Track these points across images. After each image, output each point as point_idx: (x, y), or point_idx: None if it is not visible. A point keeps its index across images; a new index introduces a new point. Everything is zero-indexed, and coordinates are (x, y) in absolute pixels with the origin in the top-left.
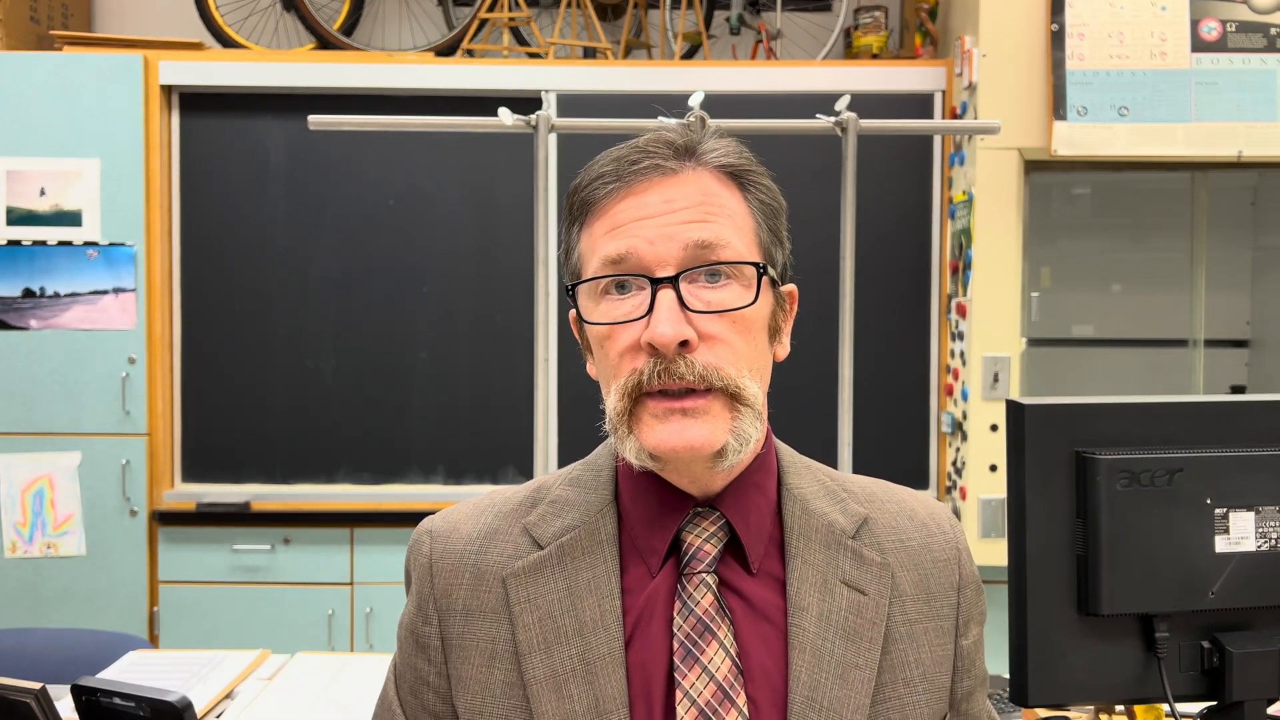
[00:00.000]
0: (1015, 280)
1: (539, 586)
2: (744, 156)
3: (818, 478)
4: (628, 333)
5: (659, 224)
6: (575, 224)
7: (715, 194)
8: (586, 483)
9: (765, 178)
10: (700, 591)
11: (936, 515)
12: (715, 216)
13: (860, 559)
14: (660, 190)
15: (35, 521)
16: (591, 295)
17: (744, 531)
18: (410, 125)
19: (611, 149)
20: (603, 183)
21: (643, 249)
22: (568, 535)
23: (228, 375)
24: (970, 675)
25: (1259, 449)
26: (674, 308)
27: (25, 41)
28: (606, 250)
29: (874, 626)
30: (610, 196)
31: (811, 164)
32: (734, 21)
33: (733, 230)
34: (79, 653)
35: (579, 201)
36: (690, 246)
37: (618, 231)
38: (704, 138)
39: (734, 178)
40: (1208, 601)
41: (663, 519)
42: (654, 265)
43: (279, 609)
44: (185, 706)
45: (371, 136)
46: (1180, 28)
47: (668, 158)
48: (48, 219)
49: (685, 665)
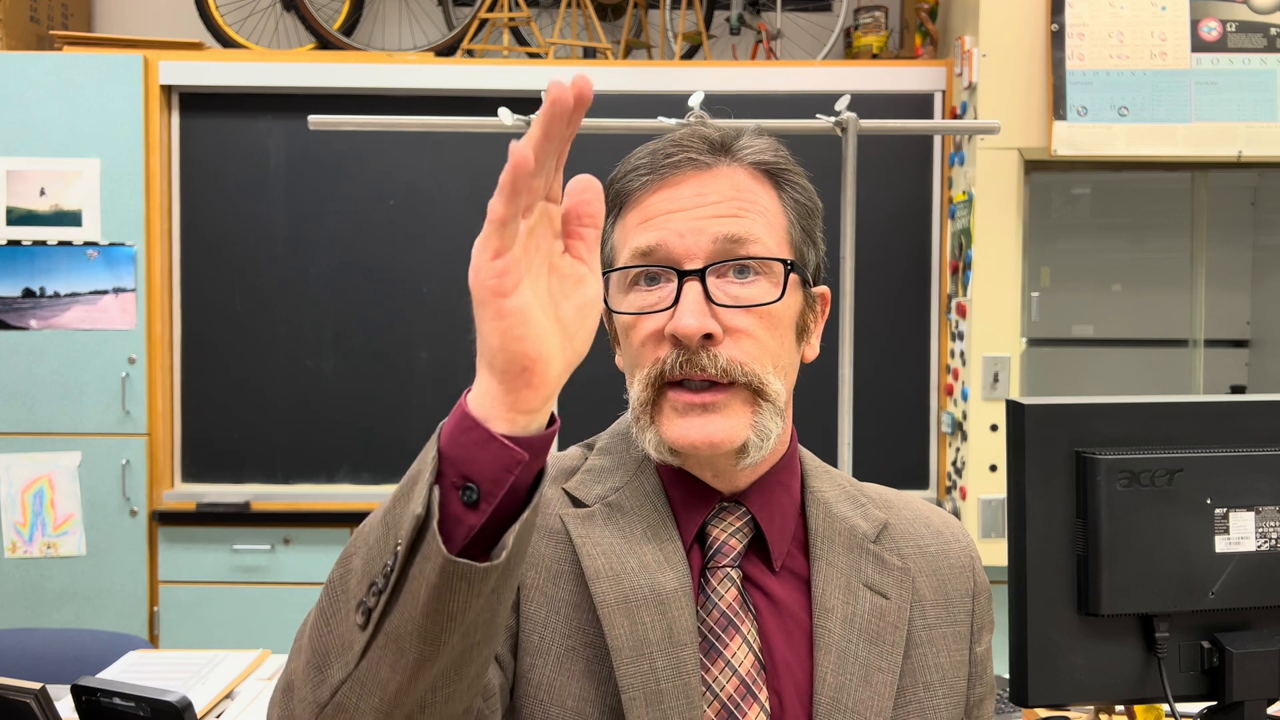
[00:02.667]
0: (1015, 280)
1: (595, 530)
2: (780, 155)
3: (838, 483)
4: (652, 322)
5: (690, 217)
6: (610, 215)
7: (748, 190)
8: (616, 449)
9: (801, 177)
10: (725, 585)
11: (950, 524)
12: (747, 212)
13: (882, 563)
14: (693, 184)
15: (35, 521)
16: (620, 285)
17: (769, 529)
18: (410, 125)
19: (649, 142)
20: (637, 175)
21: (672, 241)
22: (613, 495)
23: (227, 375)
24: (982, 682)
25: (1259, 449)
26: (699, 300)
27: (25, 41)
28: (637, 242)
29: (896, 630)
30: (644, 189)
31: (811, 164)
32: (734, 21)
33: (764, 226)
34: (79, 653)
35: (614, 193)
36: (719, 240)
37: (649, 223)
38: (740, 134)
39: (769, 175)
40: (1208, 601)
41: (689, 510)
42: (682, 258)
43: (279, 609)
44: (185, 706)
45: (371, 136)
46: (1180, 28)
47: (703, 152)
48: (48, 219)
49: (709, 658)
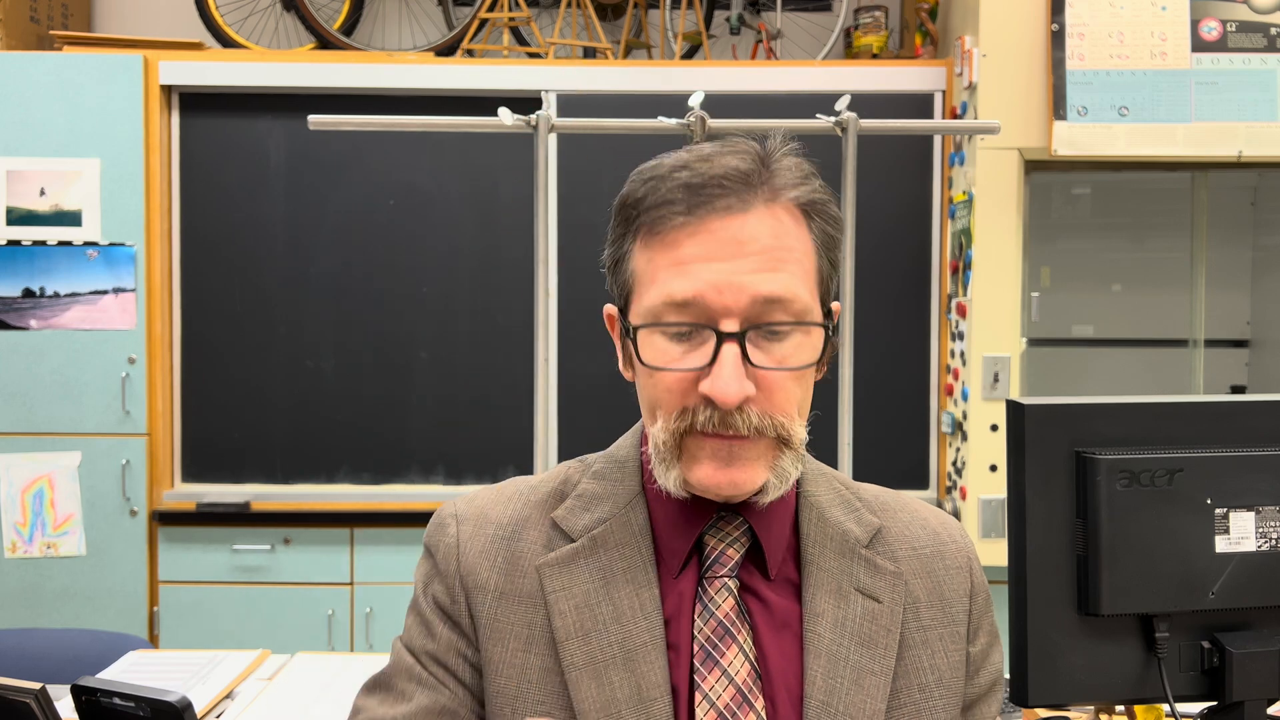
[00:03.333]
0: (1015, 280)
1: (573, 576)
2: (814, 185)
3: (833, 486)
4: (684, 372)
5: (728, 270)
6: (631, 235)
7: (786, 234)
8: (612, 475)
9: (831, 205)
10: (721, 595)
11: (948, 524)
12: (784, 263)
13: (874, 568)
14: (731, 228)
15: (35, 521)
16: (646, 318)
17: (766, 538)
18: (410, 125)
19: (676, 160)
20: (671, 210)
21: (710, 296)
22: (599, 527)
23: (227, 375)
24: (974, 684)
25: (1259, 449)
26: (738, 365)
27: (25, 41)
28: (671, 289)
29: (888, 634)
30: (678, 229)
31: (811, 164)
32: (734, 21)
33: (800, 278)
34: (79, 653)
35: (639, 215)
36: (758, 301)
37: (684, 270)
38: (774, 159)
39: (804, 212)
40: (1208, 601)
41: (686, 521)
42: (720, 315)
43: (279, 609)
44: (185, 706)
45: (371, 136)
46: (1180, 28)
47: (740, 190)
48: (48, 219)
49: (705, 668)
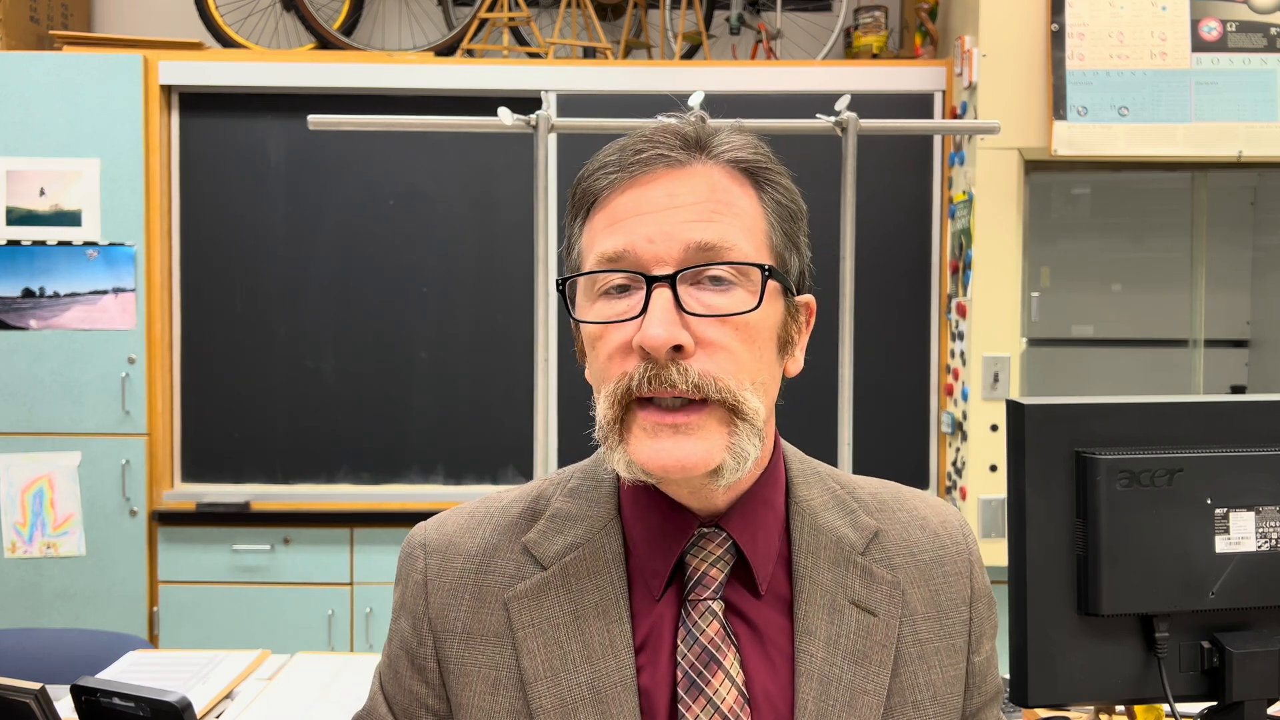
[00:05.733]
0: (1015, 280)
1: (543, 610)
2: (760, 152)
3: (827, 486)
4: (620, 333)
5: (660, 220)
6: (578, 217)
7: (725, 190)
8: (587, 494)
9: (784, 177)
10: (705, 619)
11: (949, 524)
12: (722, 215)
13: (870, 577)
14: (665, 184)
15: (35, 521)
16: (587, 293)
17: (752, 554)
18: (410, 125)
19: (620, 138)
20: (605, 173)
21: (641, 246)
22: (571, 555)
23: (227, 375)
24: (981, 692)
25: (1259, 449)
26: (669, 308)
27: (25, 41)
28: (604, 246)
29: (883, 649)
30: (612, 188)
31: (811, 164)
32: (734, 21)
33: (740, 231)
34: (79, 653)
35: (581, 192)
36: (692, 247)
37: (617, 226)
38: (718, 130)
39: (748, 174)
40: (1208, 601)
41: (665, 540)
42: (651, 263)
43: (279, 609)
44: (185, 706)
45: (371, 137)
46: (1180, 28)
47: (675, 148)
48: (47, 219)
49: (690, 696)
